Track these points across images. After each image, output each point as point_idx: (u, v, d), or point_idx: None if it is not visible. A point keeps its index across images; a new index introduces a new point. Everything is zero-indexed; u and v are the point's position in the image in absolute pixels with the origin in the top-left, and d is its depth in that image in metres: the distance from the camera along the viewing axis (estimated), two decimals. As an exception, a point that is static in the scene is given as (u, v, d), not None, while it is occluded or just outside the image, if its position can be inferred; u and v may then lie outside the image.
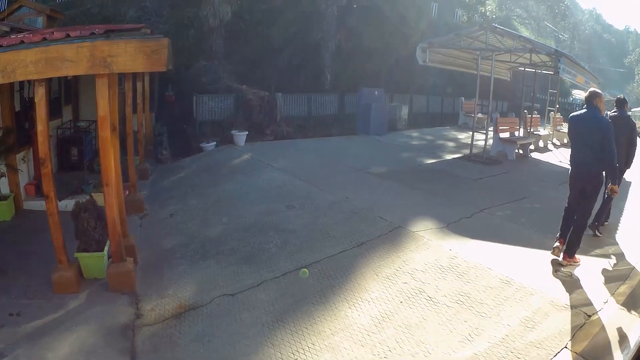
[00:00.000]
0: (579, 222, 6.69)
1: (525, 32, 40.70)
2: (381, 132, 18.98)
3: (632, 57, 78.90)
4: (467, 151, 15.50)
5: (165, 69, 5.81)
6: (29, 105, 9.31)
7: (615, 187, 6.47)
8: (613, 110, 8.38)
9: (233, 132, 15.80)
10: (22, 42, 5.40)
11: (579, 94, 42.63)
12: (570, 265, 6.62)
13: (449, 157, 15.28)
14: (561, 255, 6.80)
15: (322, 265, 6.74)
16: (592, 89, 6.88)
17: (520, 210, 9.53)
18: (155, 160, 14.49)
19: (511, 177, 12.60)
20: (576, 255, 6.69)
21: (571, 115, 7.05)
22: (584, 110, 6.70)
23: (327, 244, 7.47)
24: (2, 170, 8.69)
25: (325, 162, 13.42)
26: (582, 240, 6.70)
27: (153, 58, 5.59)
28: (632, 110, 45.77)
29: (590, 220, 7.35)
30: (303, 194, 9.93)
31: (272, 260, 7.01)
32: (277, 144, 16.45)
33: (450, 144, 18.59)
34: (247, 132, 15.95)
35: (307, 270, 6.52)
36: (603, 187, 6.66)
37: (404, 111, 22.14)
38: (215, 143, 15.82)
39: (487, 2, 41.44)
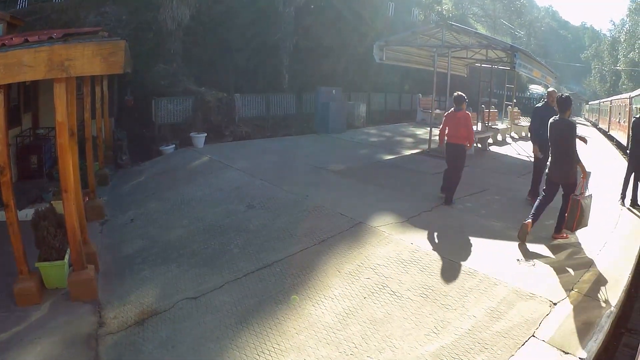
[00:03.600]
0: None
1: (481, 30, 41.25)
2: (340, 130, 19.11)
3: (588, 52, 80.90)
4: (425, 146, 15.76)
5: (123, 71, 5.77)
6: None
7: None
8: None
9: (192, 134, 15.71)
10: (-18, 49, 5.29)
11: (537, 89, 43.54)
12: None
13: (408, 152, 15.44)
14: None
15: (284, 264, 6.75)
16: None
17: (480, 202, 9.69)
18: (115, 166, 14.27)
19: (470, 170, 12.63)
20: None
21: None
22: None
23: (289, 242, 7.47)
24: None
25: (285, 161, 13.44)
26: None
27: (110, 60, 5.57)
28: (589, 103, 46.93)
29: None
30: (263, 193, 9.91)
31: (233, 261, 6.98)
32: (236, 144, 16.43)
33: (409, 139, 18.80)
34: (205, 134, 15.89)
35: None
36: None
37: (362, 109, 22.37)
38: (174, 146, 15.69)
39: (443, 1, 41.99)
